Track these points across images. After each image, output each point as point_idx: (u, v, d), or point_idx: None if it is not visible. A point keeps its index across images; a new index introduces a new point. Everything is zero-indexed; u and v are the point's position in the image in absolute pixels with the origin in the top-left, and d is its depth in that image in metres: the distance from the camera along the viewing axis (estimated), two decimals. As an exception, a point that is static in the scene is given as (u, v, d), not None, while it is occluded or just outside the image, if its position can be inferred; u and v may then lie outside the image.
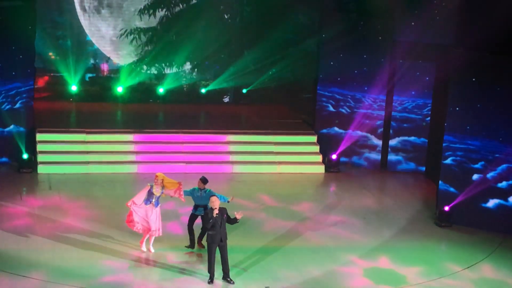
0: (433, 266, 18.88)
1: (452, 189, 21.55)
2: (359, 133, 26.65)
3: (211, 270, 17.11)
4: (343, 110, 26.71)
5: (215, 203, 16.86)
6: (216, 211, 16.79)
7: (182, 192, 18.39)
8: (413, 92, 25.64)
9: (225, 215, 16.93)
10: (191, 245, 18.90)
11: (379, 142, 26.61)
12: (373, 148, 26.69)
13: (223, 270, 17.19)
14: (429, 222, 21.78)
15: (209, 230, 16.96)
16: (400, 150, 26.44)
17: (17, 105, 24.72)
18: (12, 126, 24.61)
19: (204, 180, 18.72)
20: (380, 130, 26.53)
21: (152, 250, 18.59)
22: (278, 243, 19.71)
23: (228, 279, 17.20)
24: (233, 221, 17.10)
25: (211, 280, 17.11)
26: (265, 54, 31.28)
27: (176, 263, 18.17)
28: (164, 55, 31.20)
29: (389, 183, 25.55)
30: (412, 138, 26.22)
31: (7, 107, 24.46)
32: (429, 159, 25.62)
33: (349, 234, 20.63)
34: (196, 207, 18.74)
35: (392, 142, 26.41)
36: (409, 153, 26.35)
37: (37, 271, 17.28)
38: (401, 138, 26.32)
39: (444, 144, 21.64)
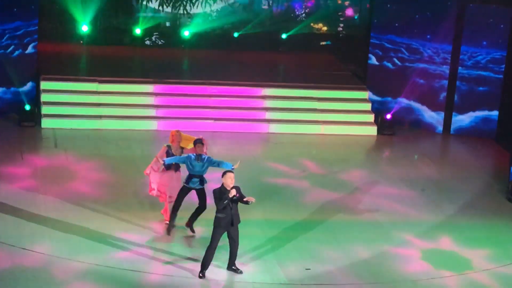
0: (503, 249, 18.82)
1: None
2: (405, 101, 26.19)
3: (206, 262, 16.22)
4: (389, 65, 26.31)
5: (232, 181, 16.04)
6: (233, 191, 15.94)
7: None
8: (484, 43, 25.30)
9: (237, 194, 16.08)
10: (170, 227, 18.06)
11: (436, 117, 25.96)
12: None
13: (230, 257, 16.49)
14: (500, 197, 21.74)
15: (219, 212, 16.16)
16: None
17: (29, 50, 24.70)
18: (29, 84, 24.59)
19: (201, 143, 17.67)
20: (443, 95, 25.92)
21: (173, 220, 18.62)
22: (321, 217, 19.75)
23: (234, 267, 16.59)
24: (245, 202, 16.27)
25: (202, 274, 16.25)
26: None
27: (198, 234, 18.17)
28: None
29: (453, 150, 25.51)
30: (494, 114, 25.39)
31: (17, 52, 24.39)
32: (501, 122, 25.35)
33: (404, 208, 20.65)
34: (190, 178, 17.74)
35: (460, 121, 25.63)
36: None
37: (40, 244, 17.37)
38: (475, 114, 25.60)
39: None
